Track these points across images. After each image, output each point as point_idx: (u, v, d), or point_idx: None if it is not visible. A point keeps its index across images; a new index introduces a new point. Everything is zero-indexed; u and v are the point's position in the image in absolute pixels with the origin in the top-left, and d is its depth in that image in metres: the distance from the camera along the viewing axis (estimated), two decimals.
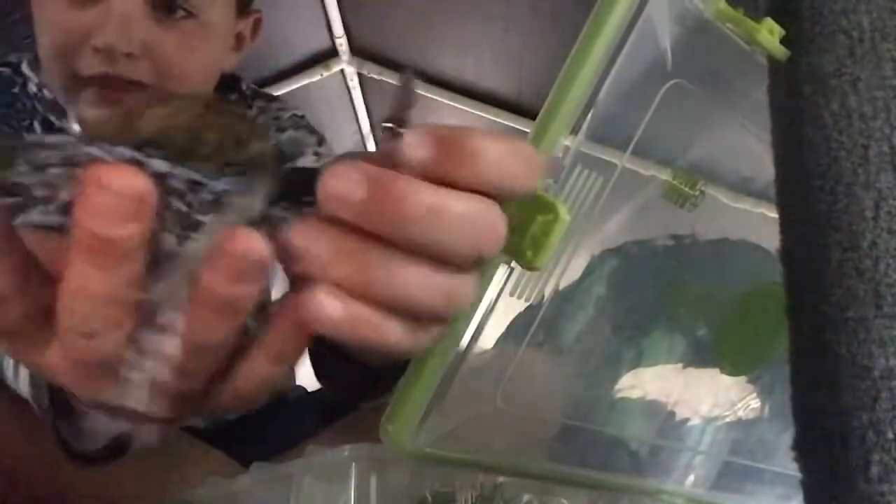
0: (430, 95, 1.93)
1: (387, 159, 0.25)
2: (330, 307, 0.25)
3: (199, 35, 0.64)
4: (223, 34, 0.68)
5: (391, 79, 1.94)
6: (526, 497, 0.57)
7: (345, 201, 0.24)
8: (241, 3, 0.71)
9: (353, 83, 2.01)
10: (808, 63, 0.41)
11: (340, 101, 2.07)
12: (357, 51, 1.92)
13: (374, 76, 1.95)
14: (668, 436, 0.57)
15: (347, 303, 0.26)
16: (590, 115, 0.35)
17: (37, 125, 0.67)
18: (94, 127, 0.25)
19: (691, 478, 0.57)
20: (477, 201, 0.26)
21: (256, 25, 0.74)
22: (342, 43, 1.87)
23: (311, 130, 0.82)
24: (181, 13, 0.62)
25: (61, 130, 0.68)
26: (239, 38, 0.72)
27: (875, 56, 0.40)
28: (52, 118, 0.69)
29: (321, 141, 0.81)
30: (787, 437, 0.42)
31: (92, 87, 0.61)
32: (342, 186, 0.24)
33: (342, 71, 1.95)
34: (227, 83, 0.78)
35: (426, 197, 0.24)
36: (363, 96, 2.07)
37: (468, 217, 0.25)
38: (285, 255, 0.26)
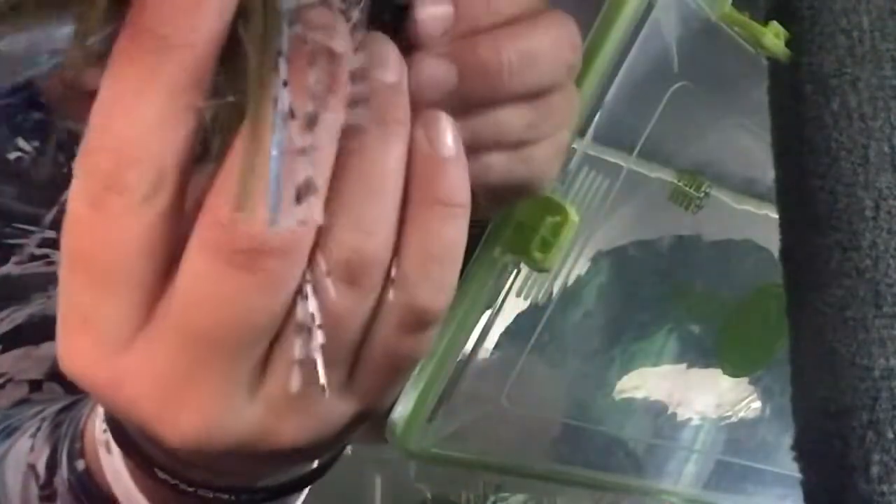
0: None
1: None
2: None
3: None
4: None
5: None
6: (525, 497, 0.58)
7: (438, 90, 0.21)
8: None
9: None
10: (808, 63, 0.41)
11: None
12: None
13: None
14: (664, 435, 0.57)
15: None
16: (596, 117, 0.35)
17: None
18: None
19: (687, 476, 0.58)
20: (549, 17, 0.23)
21: None
22: None
23: None
24: None
25: None
26: None
27: (875, 56, 0.40)
28: None
29: None
30: (787, 437, 0.42)
31: None
32: (434, 76, 0.21)
33: None
34: None
35: (514, 47, 0.21)
36: None
37: (556, 41, 0.23)
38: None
